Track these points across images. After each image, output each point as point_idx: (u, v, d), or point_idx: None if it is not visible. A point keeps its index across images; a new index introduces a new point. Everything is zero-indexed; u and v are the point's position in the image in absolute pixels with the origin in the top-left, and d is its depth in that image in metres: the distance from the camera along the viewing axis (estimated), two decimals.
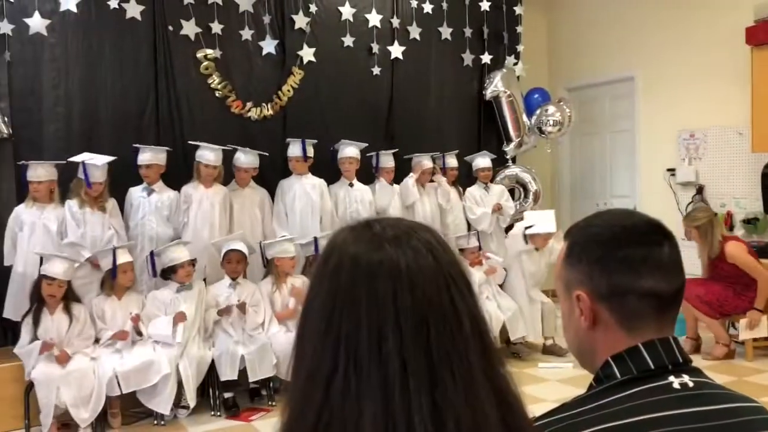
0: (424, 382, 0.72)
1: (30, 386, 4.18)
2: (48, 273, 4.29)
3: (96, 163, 4.78)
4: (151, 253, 4.82)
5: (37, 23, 5.08)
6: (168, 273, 4.73)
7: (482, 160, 6.52)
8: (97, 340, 4.47)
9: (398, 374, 0.72)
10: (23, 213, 4.69)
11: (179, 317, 4.51)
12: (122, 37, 5.44)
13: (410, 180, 6.00)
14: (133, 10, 5.41)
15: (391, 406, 0.71)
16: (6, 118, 4.99)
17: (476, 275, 5.66)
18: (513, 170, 7.11)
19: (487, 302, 5.60)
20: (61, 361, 4.18)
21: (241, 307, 4.73)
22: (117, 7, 5.34)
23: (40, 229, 4.66)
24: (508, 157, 7.18)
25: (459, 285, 0.78)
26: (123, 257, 4.56)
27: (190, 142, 5.38)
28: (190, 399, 4.42)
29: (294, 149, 5.58)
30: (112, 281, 4.55)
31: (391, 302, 0.74)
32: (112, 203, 4.91)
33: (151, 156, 5.06)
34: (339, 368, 0.74)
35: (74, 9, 5.19)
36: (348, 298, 0.76)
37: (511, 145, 7.14)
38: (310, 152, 5.60)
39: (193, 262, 4.79)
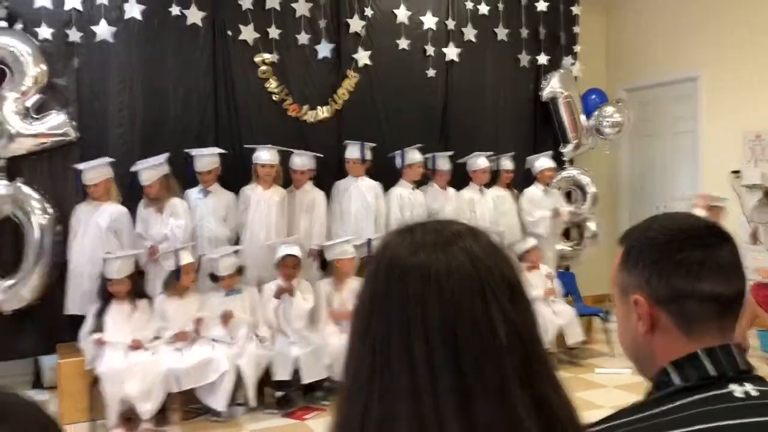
0: (452, 389, 0.72)
1: (95, 380, 4.34)
2: (107, 275, 4.51)
3: (149, 163, 5.00)
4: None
5: (103, 31, 5.28)
6: (215, 278, 4.85)
7: (546, 161, 6.45)
8: (158, 338, 4.61)
9: (426, 379, 0.73)
10: (81, 211, 4.93)
11: (227, 316, 4.62)
12: (183, 43, 5.60)
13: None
14: (194, 17, 5.56)
15: (422, 411, 0.72)
16: (74, 122, 5.21)
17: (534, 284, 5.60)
18: (570, 172, 7.00)
19: (540, 307, 5.52)
20: (135, 348, 4.36)
21: (289, 290, 4.80)
22: (179, 14, 5.50)
23: (92, 227, 4.86)
24: (565, 159, 7.08)
25: (497, 292, 0.77)
26: (185, 258, 4.69)
27: (245, 146, 5.49)
28: (251, 397, 4.51)
29: (352, 151, 5.64)
30: (175, 281, 4.68)
31: (420, 307, 0.75)
32: (173, 204, 5.03)
33: (207, 162, 5.17)
34: (376, 370, 0.75)
35: (138, 16, 5.37)
36: (382, 301, 0.77)
37: (569, 147, 7.03)
38: (368, 155, 5.65)
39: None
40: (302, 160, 5.45)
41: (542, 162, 6.43)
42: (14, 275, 5.01)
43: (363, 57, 6.15)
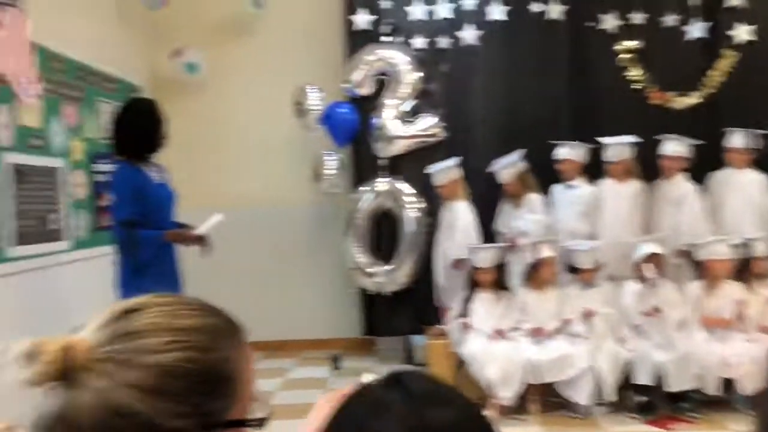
0: None
1: (460, 363, 4.63)
2: (475, 264, 4.76)
3: (505, 162, 5.14)
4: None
5: (469, 35, 5.63)
6: (574, 270, 4.76)
7: None
8: (516, 329, 4.72)
9: None
10: (442, 208, 5.30)
11: (587, 314, 4.50)
12: (542, 39, 5.66)
13: None
14: (554, 12, 5.58)
15: None
16: (442, 123, 5.66)
17: None
18: None
19: None
20: (495, 338, 4.54)
21: (655, 311, 4.48)
22: (539, 10, 5.58)
23: (446, 224, 5.22)
24: None
25: None
26: (545, 252, 4.73)
27: (597, 139, 5.25)
28: (607, 395, 4.36)
29: (735, 140, 5.05)
30: (535, 274, 4.76)
31: None
32: (529, 199, 5.10)
33: (566, 151, 5.14)
34: None
35: (501, 18, 5.60)
36: None
37: None
38: (754, 143, 5.01)
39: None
40: (674, 146, 5.01)
41: None
42: (392, 261, 5.65)
43: (742, 33, 5.46)
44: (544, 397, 4.54)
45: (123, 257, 3.64)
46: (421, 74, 5.68)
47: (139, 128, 3.71)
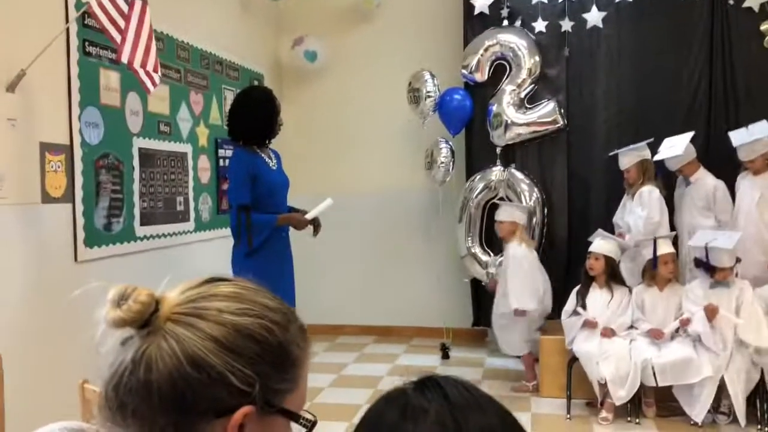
0: None
1: (573, 359, 4.45)
2: (591, 248, 4.54)
3: (629, 147, 4.83)
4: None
5: (594, 17, 5.36)
6: (705, 267, 4.38)
7: None
8: (633, 327, 4.46)
9: None
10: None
11: (711, 312, 4.15)
12: (675, 19, 5.29)
13: None
14: None
15: None
16: (562, 110, 5.44)
17: None
18: None
19: None
20: (606, 335, 4.33)
21: None
22: None
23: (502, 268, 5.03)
24: None
25: None
26: (663, 248, 4.42)
27: (728, 133, 4.79)
28: (739, 412, 4.00)
29: None
30: (653, 271, 4.46)
31: None
32: (642, 192, 4.73)
33: (676, 161, 4.75)
34: None
35: None
36: None
37: None
38: None
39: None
40: None
41: None
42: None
43: None
44: (662, 400, 4.28)
45: (237, 240, 3.78)
46: (541, 59, 5.48)
47: (254, 116, 3.83)
